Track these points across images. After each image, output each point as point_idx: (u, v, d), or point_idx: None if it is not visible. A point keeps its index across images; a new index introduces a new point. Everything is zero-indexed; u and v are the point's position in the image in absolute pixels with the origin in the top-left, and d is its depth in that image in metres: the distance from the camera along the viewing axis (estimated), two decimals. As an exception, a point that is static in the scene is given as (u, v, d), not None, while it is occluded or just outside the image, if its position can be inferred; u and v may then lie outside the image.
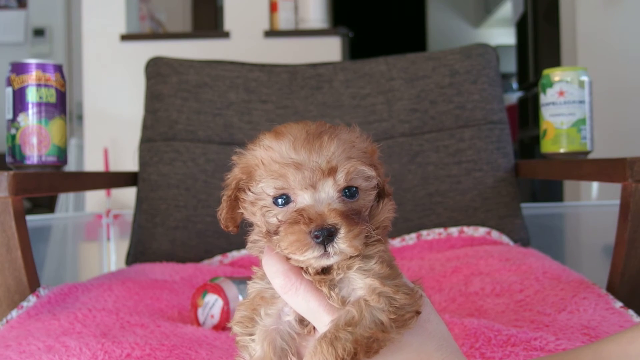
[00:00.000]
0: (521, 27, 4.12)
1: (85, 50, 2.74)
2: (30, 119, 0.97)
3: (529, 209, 1.54)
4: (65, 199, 3.10)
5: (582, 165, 1.05)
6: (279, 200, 0.43)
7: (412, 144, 1.35)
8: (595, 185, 2.36)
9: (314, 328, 0.43)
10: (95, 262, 2.36)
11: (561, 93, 1.15)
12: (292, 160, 0.42)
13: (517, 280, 0.95)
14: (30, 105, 0.97)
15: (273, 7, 2.72)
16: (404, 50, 1.52)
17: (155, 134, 1.39)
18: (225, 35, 2.73)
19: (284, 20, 2.71)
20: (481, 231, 1.26)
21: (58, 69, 1.00)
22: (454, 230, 1.27)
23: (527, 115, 3.92)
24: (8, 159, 0.98)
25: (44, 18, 4.61)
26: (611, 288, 0.91)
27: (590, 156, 1.15)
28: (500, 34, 5.99)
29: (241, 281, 0.85)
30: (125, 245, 1.46)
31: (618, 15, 2.57)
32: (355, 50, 3.18)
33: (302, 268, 0.43)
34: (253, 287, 0.46)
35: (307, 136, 0.43)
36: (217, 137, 1.37)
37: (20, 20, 4.64)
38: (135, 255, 1.34)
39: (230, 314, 0.81)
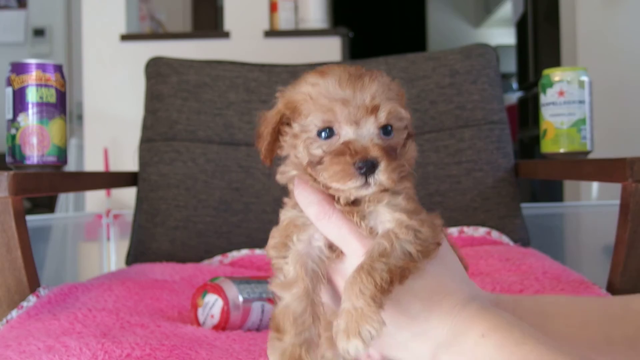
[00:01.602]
0: (521, 27, 4.12)
1: (85, 50, 2.74)
2: (30, 119, 0.97)
3: (529, 209, 1.54)
4: (65, 199, 3.10)
5: (582, 165, 1.05)
6: (323, 134, 0.46)
7: (412, 144, 1.35)
8: (595, 185, 2.36)
9: (342, 253, 0.47)
10: (95, 262, 2.36)
11: (561, 93, 1.15)
12: (340, 96, 0.45)
13: (517, 280, 0.96)
14: (30, 105, 0.97)
15: (273, 7, 2.72)
16: (404, 50, 1.52)
17: (155, 134, 1.39)
18: (225, 35, 2.73)
19: (284, 20, 2.71)
20: (481, 231, 1.26)
21: (58, 69, 1.00)
22: (454, 231, 1.27)
23: (527, 115, 3.92)
24: (8, 159, 0.98)
25: (44, 18, 4.61)
26: (611, 288, 0.91)
27: (590, 156, 1.15)
28: (500, 34, 5.99)
29: (241, 281, 0.85)
30: (125, 245, 1.46)
31: (618, 15, 2.57)
32: (355, 50, 3.18)
33: (333, 198, 0.47)
34: (285, 215, 0.49)
35: (349, 76, 0.46)
36: (217, 137, 1.37)
37: (20, 20, 4.64)
38: (135, 255, 1.34)
39: (230, 314, 0.81)
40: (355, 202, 0.47)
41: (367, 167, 0.44)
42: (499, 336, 0.41)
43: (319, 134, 0.46)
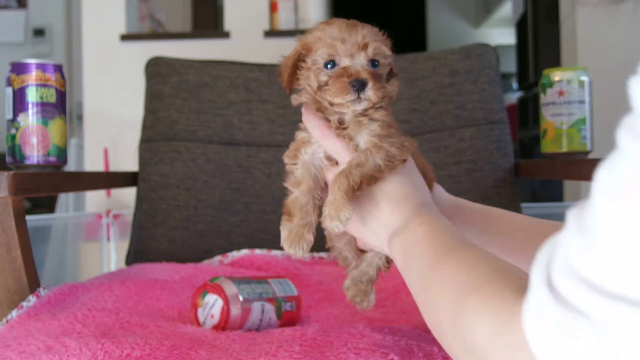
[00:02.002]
0: (521, 27, 4.12)
1: (85, 50, 2.74)
2: (30, 119, 0.97)
3: (529, 209, 1.54)
4: (65, 199, 3.10)
5: (582, 165, 1.05)
6: (328, 65, 0.61)
7: (412, 144, 1.35)
8: (595, 185, 2.35)
9: (337, 162, 0.64)
10: (95, 262, 2.36)
11: (561, 93, 1.15)
12: (340, 37, 0.61)
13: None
14: (30, 105, 0.97)
15: (273, 7, 2.72)
16: (404, 50, 1.52)
17: (155, 134, 1.39)
18: (225, 35, 2.73)
19: (284, 20, 2.71)
20: (481, 231, 1.26)
21: (58, 69, 1.00)
22: (454, 230, 1.27)
23: (527, 115, 3.92)
24: (8, 159, 0.98)
25: (44, 18, 4.61)
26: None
27: (590, 156, 1.15)
28: (500, 34, 5.99)
29: (241, 281, 0.85)
30: (125, 245, 1.46)
31: (618, 15, 2.56)
32: (355, 50, 3.17)
33: (330, 125, 0.63)
34: (298, 135, 0.66)
35: (347, 25, 0.62)
36: (217, 137, 1.37)
37: (20, 20, 4.64)
38: (135, 255, 1.34)
39: (230, 314, 0.81)
40: (344, 128, 0.63)
41: (359, 85, 0.59)
42: (429, 226, 0.56)
43: (325, 65, 0.61)
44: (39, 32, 4.59)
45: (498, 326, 0.40)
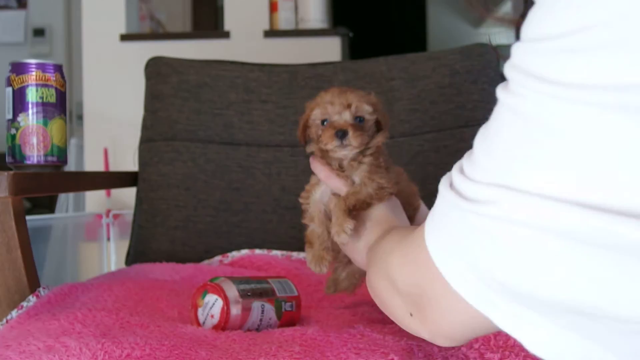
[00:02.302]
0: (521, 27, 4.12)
1: (85, 50, 2.74)
2: (30, 119, 0.97)
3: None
4: (65, 199, 3.10)
5: (582, 165, 1.05)
6: (324, 122, 0.77)
7: (412, 144, 1.35)
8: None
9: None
10: (95, 262, 2.36)
11: (561, 93, 1.15)
12: (331, 100, 0.77)
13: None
14: (30, 105, 0.97)
15: (273, 7, 2.72)
16: (404, 50, 1.51)
17: (155, 134, 1.39)
18: (225, 35, 2.73)
19: (284, 20, 2.71)
20: (481, 231, 1.26)
21: (58, 69, 1.00)
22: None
23: (527, 115, 3.91)
24: (8, 159, 0.98)
25: (44, 18, 4.61)
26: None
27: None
28: (500, 34, 5.98)
29: (241, 281, 0.84)
30: (125, 245, 1.46)
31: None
32: (355, 50, 3.17)
33: (332, 168, 0.78)
34: (312, 179, 0.80)
35: (339, 91, 0.77)
36: (217, 137, 1.37)
37: (20, 20, 4.64)
38: (135, 255, 1.34)
39: (230, 314, 0.81)
40: (343, 170, 0.77)
41: (341, 134, 0.74)
42: (395, 234, 0.64)
43: (321, 122, 0.77)
44: (39, 32, 4.59)
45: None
